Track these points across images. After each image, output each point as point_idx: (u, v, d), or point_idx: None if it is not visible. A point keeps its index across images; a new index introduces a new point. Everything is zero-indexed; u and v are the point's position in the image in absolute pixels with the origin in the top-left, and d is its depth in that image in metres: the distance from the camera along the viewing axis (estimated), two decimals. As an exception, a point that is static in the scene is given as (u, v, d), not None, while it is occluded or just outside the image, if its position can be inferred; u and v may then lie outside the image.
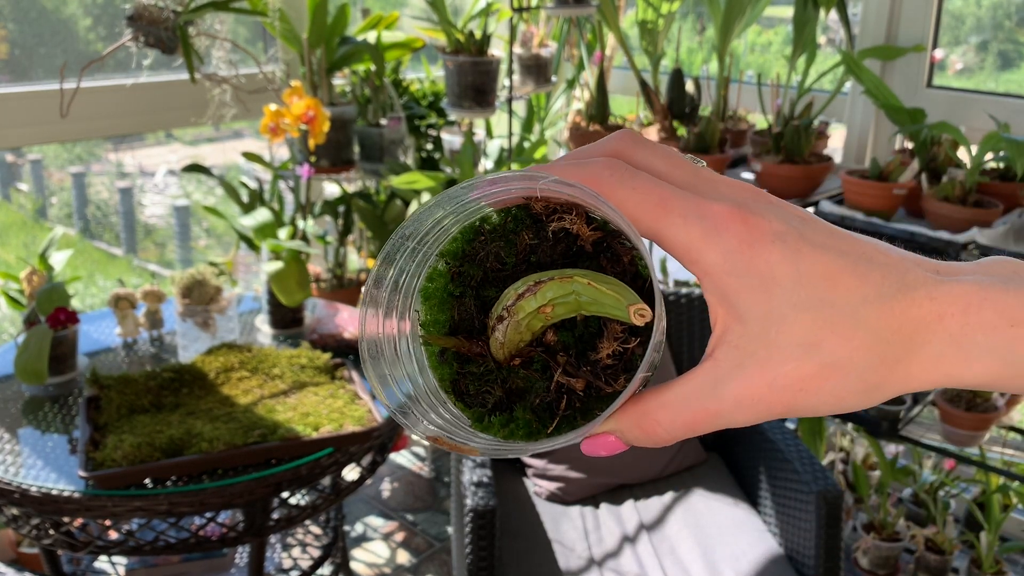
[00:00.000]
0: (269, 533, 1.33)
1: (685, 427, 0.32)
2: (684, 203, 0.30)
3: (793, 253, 0.30)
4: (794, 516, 1.55)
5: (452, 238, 0.35)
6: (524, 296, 0.32)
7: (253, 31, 2.60)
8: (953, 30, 2.43)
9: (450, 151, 2.43)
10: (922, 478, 2.00)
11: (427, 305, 0.35)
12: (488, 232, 0.35)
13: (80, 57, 2.72)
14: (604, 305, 0.32)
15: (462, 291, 0.35)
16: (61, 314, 1.48)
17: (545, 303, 0.32)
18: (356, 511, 2.26)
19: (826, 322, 0.29)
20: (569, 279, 0.32)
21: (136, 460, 1.21)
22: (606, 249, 0.34)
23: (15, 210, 4.64)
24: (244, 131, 4.26)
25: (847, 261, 0.30)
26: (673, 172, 0.32)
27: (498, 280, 0.35)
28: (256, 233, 1.68)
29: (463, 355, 0.35)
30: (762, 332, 0.30)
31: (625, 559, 1.56)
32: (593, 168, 0.31)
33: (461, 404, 0.35)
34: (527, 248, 0.34)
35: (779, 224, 0.30)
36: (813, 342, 0.29)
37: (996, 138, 1.68)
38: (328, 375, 1.50)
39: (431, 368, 0.36)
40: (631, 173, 0.31)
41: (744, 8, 1.97)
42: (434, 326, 0.35)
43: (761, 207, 0.30)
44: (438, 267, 0.35)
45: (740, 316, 0.30)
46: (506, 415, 0.34)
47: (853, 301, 0.29)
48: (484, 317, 0.35)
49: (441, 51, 2.10)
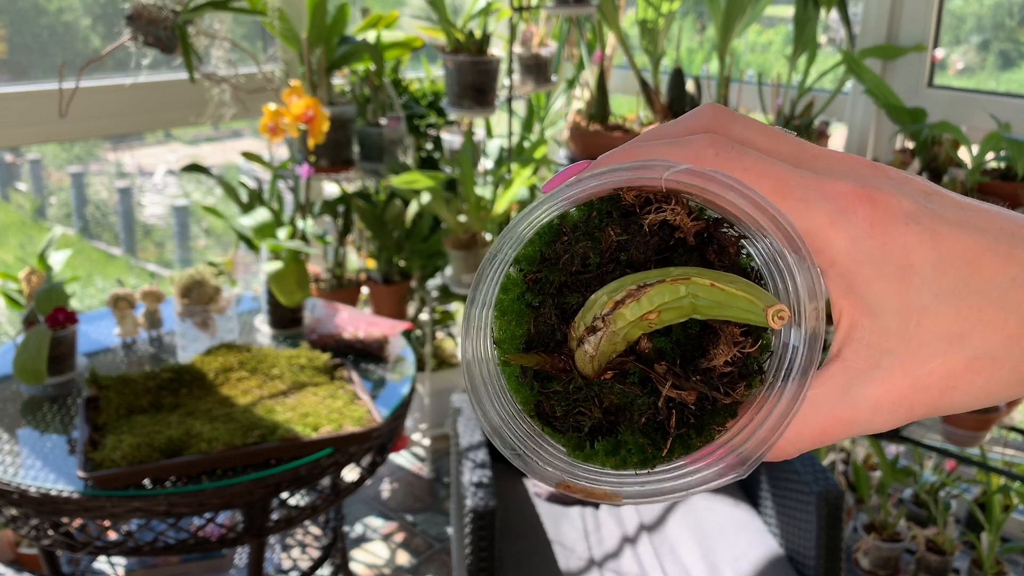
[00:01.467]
0: (268, 534, 1.33)
1: (813, 439, 0.28)
2: (803, 184, 0.27)
3: (930, 235, 0.27)
4: (795, 517, 1.55)
5: (528, 241, 0.31)
6: (624, 303, 0.28)
7: (252, 30, 2.60)
8: (954, 29, 2.43)
9: (450, 151, 2.42)
10: (923, 479, 1.99)
11: (502, 320, 0.31)
12: (569, 230, 0.30)
13: (79, 56, 2.72)
14: (731, 309, 0.27)
15: (540, 300, 0.31)
16: (60, 314, 1.47)
17: (651, 309, 0.28)
18: (356, 512, 2.26)
19: (973, 310, 0.26)
20: (683, 280, 0.28)
21: (135, 461, 1.20)
22: (709, 240, 0.30)
23: (14, 210, 4.64)
24: (243, 131, 4.26)
25: (988, 239, 0.27)
26: (778, 147, 0.29)
27: (581, 284, 0.30)
28: (255, 233, 1.68)
29: (544, 373, 0.31)
30: (900, 326, 0.27)
31: (625, 560, 1.55)
32: (695, 147, 0.28)
33: (549, 429, 0.31)
34: (615, 245, 0.30)
35: (909, 203, 0.27)
36: (960, 333, 0.26)
37: (997, 138, 1.68)
38: (327, 375, 1.49)
39: (511, 391, 0.31)
40: (739, 151, 0.28)
41: (744, 7, 1.97)
42: (510, 342, 0.31)
43: (885, 184, 0.27)
44: (511, 274, 0.31)
45: (870, 309, 0.27)
46: (611, 440, 0.30)
47: (1001, 284, 0.26)
48: (565, 327, 0.30)
49: (441, 50, 2.10)
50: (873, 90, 1.88)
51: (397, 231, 2.30)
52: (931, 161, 1.83)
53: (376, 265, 2.36)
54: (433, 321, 2.46)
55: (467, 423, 1.70)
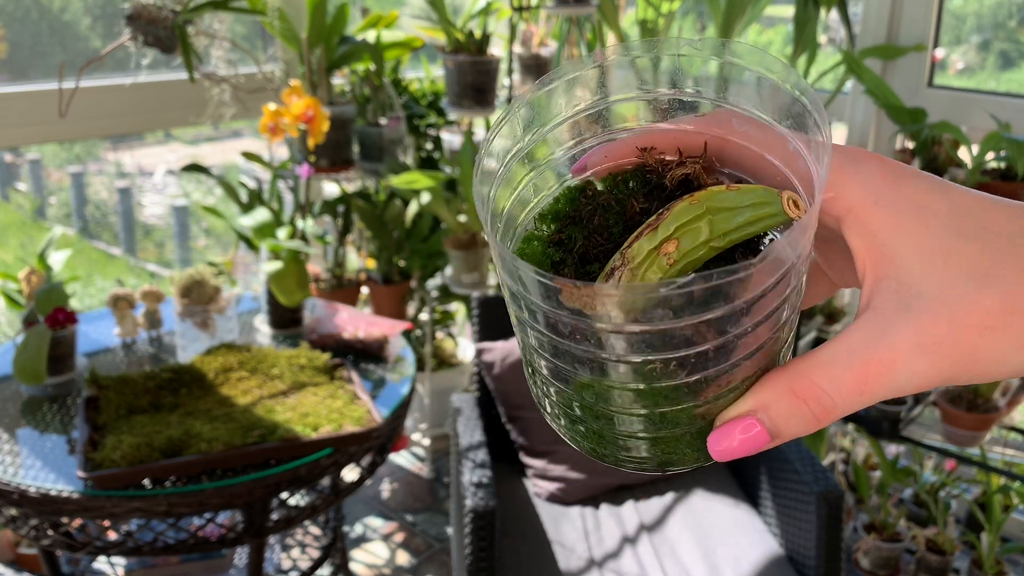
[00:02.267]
0: (268, 534, 1.33)
1: (854, 387, 0.26)
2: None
3: (940, 188, 0.27)
4: (795, 517, 1.55)
5: (554, 197, 0.31)
6: (643, 235, 0.27)
7: (252, 30, 2.60)
8: (954, 29, 2.43)
9: (450, 151, 2.42)
10: (923, 479, 1.99)
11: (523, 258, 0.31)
12: (593, 195, 0.31)
13: (79, 56, 2.72)
14: (746, 210, 0.26)
15: (562, 258, 0.31)
16: (60, 314, 1.47)
17: (669, 235, 0.27)
18: (355, 512, 2.26)
19: (997, 251, 0.26)
20: (698, 194, 0.27)
21: (135, 460, 1.20)
22: None
23: (14, 210, 4.64)
24: (243, 131, 4.26)
25: (989, 199, 0.27)
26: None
27: (602, 254, 0.30)
28: (255, 233, 1.68)
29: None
30: (925, 268, 0.26)
31: (625, 560, 1.55)
32: (704, 121, 0.30)
33: None
34: (638, 213, 0.30)
35: (913, 169, 0.27)
36: (988, 272, 0.26)
37: (997, 138, 1.68)
38: (327, 375, 1.49)
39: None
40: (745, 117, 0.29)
41: (744, 7, 1.97)
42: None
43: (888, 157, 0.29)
44: (534, 231, 0.31)
45: (893, 256, 0.26)
46: None
47: (1013, 232, 0.26)
48: None
49: (441, 50, 2.10)
50: (873, 90, 1.88)
51: (397, 231, 2.30)
52: (931, 161, 1.83)
53: (376, 265, 2.36)
54: (433, 321, 2.46)
55: (467, 423, 1.70)
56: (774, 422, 0.26)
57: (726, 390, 0.27)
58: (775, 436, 0.26)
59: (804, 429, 0.26)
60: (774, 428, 0.26)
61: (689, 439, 0.28)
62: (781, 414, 0.26)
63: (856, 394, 0.26)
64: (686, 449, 0.29)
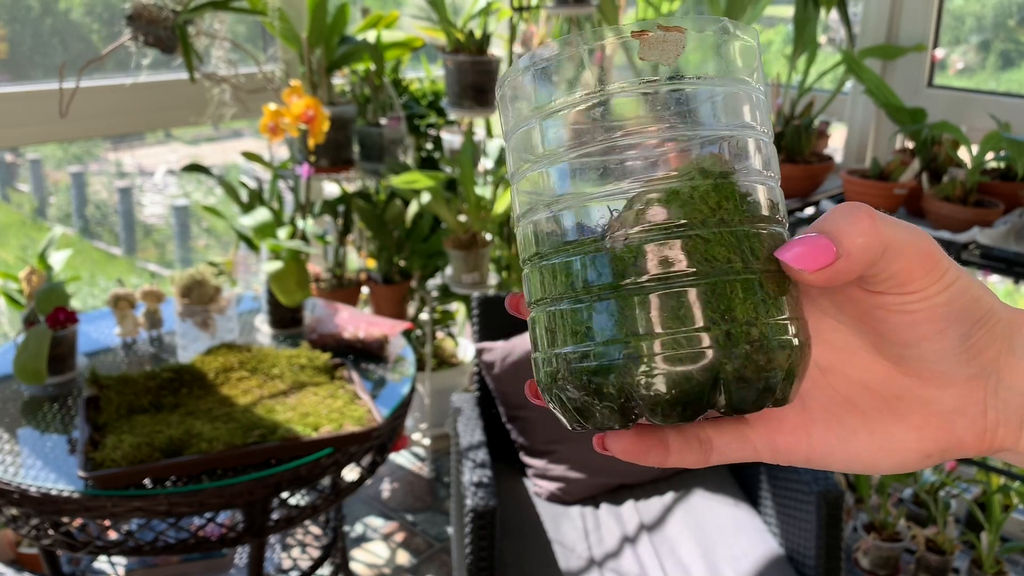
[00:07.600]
0: (269, 533, 1.33)
1: (921, 255, 0.31)
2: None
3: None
4: (795, 516, 1.55)
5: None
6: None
7: (252, 30, 2.60)
8: (954, 29, 2.43)
9: (450, 151, 2.42)
10: (923, 478, 1.99)
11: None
12: None
13: (79, 56, 2.72)
14: None
15: None
16: (60, 314, 1.47)
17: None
18: (356, 511, 2.26)
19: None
20: None
21: (135, 460, 1.20)
22: None
23: (14, 210, 4.64)
24: (243, 130, 4.25)
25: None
26: None
27: None
28: (255, 233, 1.68)
29: None
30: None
31: (625, 559, 1.55)
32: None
33: None
34: None
35: None
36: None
37: (997, 138, 1.68)
38: (328, 375, 1.49)
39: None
40: None
41: (744, 7, 1.97)
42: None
43: None
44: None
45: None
46: None
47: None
48: None
49: (441, 50, 2.10)
50: (873, 90, 1.88)
51: (397, 231, 2.30)
52: (931, 161, 1.83)
53: (376, 265, 2.36)
54: (433, 321, 2.46)
55: (467, 423, 1.70)
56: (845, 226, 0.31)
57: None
58: (837, 255, 0.30)
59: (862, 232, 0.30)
60: (844, 242, 0.31)
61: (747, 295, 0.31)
62: (850, 219, 0.31)
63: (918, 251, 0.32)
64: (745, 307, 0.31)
